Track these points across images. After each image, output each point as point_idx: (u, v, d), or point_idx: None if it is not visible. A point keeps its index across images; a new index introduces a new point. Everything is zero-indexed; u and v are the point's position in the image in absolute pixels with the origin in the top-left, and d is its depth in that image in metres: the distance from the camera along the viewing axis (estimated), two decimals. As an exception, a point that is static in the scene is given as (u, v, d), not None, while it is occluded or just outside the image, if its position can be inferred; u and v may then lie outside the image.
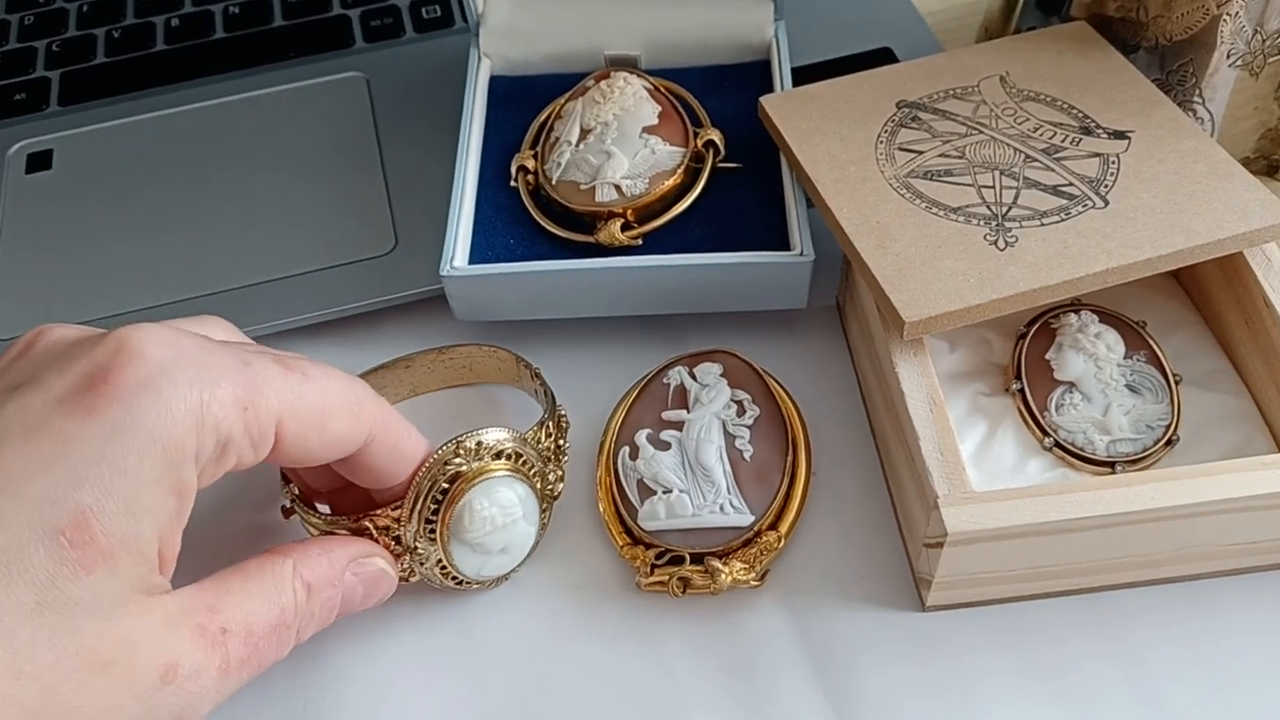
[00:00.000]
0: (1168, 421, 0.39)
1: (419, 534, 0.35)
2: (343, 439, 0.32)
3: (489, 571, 0.37)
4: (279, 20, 0.60)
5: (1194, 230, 0.38)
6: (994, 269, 0.37)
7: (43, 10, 0.62)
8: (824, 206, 0.41)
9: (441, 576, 0.36)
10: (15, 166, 0.54)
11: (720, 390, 0.40)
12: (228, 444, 0.29)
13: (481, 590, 0.38)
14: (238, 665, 0.29)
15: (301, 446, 0.31)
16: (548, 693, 0.37)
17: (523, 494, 0.36)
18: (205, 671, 0.28)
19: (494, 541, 0.36)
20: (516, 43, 0.51)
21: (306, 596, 0.32)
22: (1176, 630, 0.36)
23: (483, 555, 0.36)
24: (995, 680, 0.36)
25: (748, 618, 0.38)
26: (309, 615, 0.32)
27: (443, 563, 0.36)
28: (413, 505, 0.35)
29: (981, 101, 0.44)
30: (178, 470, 0.28)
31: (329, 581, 0.33)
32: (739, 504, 0.38)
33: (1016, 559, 0.35)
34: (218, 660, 0.29)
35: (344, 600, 0.33)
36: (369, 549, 0.34)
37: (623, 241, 0.43)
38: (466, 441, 0.35)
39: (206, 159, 0.53)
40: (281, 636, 0.31)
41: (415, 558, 0.35)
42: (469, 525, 0.35)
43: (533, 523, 0.37)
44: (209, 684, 0.28)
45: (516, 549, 0.37)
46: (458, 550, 0.36)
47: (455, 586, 0.37)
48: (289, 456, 0.31)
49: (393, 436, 0.34)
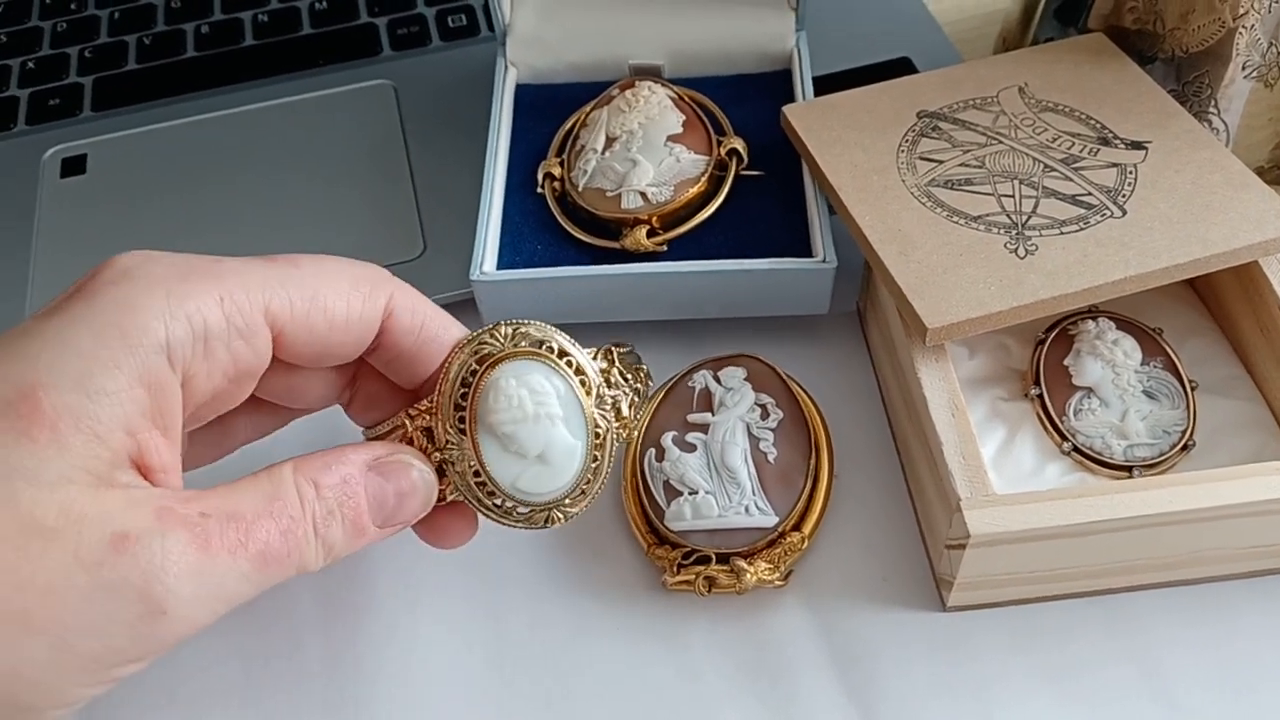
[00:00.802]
0: (1184, 427, 0.39)
1: (449, 423, 0.32)
2: (354, 317, 0.30)
3: (527, 486, 0.33)
4: (307, 28, 0.61)
5: (1210, 240, 0.38)
6: (1014, 277, 0.38)
7: (75, 17, 0.63)
8: (846, 215, 0.41)
9: (478, 491, 0.33)
10: (50, 170, 0.55)
11: (745, 394, 0.41)
12: (209, 336, 0.28)
13: (529, 528, 0.34)
14: (228, 548, 0.27)
15: (307, 331, 0.30)
16: (574, 690, 0.38)
17: (562, 390, 0.33)
18: (170, 544, 0.26)
19: (526, 436, 0.32)
20: (542, 52, 0.52)
21: (314, 492, 0.29)
22: (1193, 632, 0.37)
23: (517, 458, 0.32)
24: (1015, 680, 0.37)
25: (772, 617, 0.39)
26: (325, 515, 0.29)
27: (476, 469, 0.32)
28: (442, 389, 0.32)
29: (1001, 112, 0.45)
30: (143, 358, 0.27)
31: (341, 478, 0.30)
32: (764, 505, 0.38)
33: (1036, 561, 0.36)
34: (187, 535, 0.26)
35: (376, 505, 0.30)
36: (391, 447, 0.32)
37: (648, 247, 0.44)
38: (504, 326, 0.32)
39: (237, 164, 0.54)
40: (287, 530, 0.28)
41: (449, 460, 0.32)
42: (493, 405, 0.32)
43: (578, 435, 0.33)
44: (179, 558, 0.26)
45: (557, 461, 0.33)
46: (487, 446, 0.32)
47: (496, 514, 0.33)
48: (302, 346, 0.30)
49: (414, 306, 0.32)
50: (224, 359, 0.29)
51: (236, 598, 0.27)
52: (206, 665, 0.39)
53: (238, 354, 0.29)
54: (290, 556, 0.28)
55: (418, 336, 0.32)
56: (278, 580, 0.28)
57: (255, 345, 0.29)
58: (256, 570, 0.27)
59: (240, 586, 0.27)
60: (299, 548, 0.28)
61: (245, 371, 0.30)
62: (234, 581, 0.27)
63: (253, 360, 0.30)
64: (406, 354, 0.32)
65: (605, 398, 0.34)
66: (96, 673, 0.26)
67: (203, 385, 0.29)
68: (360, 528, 0.30)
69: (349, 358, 0.32)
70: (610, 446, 0.34)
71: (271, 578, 0.28)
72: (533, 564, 0.41)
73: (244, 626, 0.39)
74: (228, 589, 0.27)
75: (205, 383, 0.29)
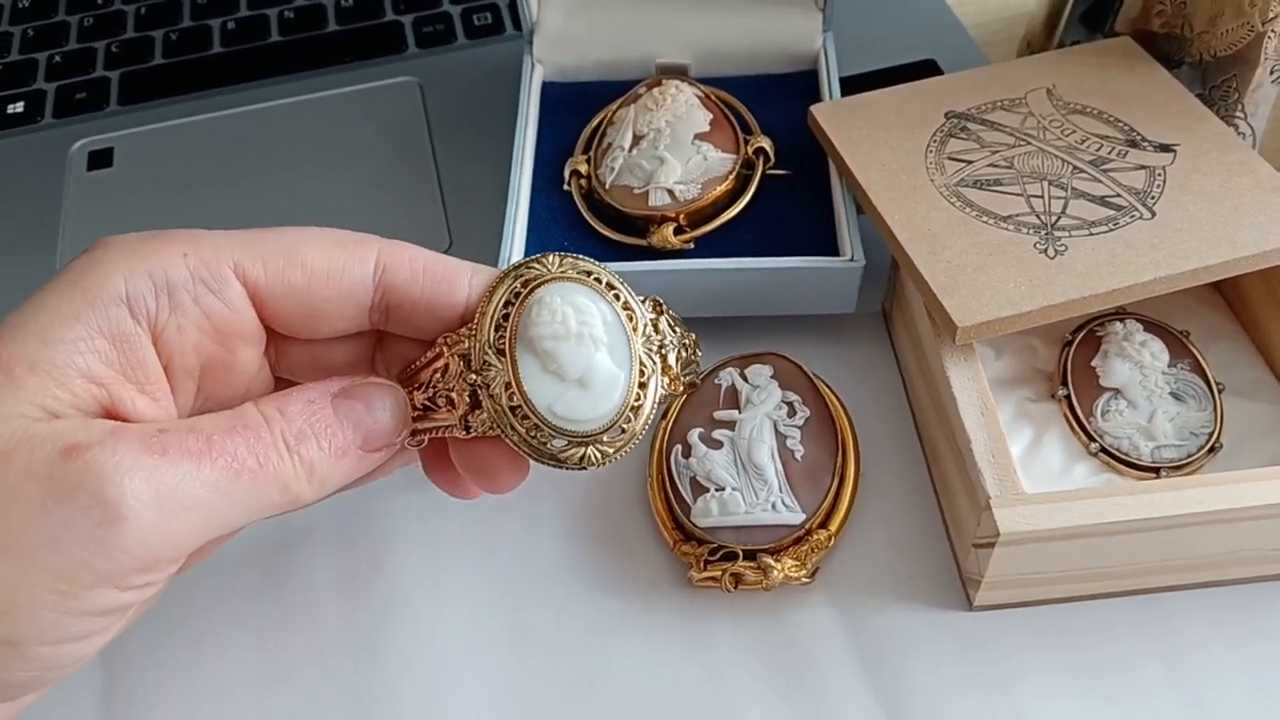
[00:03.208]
0: (1211, 429, 0.39)
1: (488, 344, 0.31)
2: (335, 269, 0.30)
3: (564, 411, 0.31)
4: (333, 25, 0.62)
5: (1240, 242, 0.38)
6: (1044, 277, 0.38)
7: (102, 12, 0.64)
8: (875, 214, 0.42)
9: (512, 417, 0.31)
10: (77, 164, 0.55)
11: (771, 391, 0.41)
12: (173, 289, 0.28)
13: (562, 465, 0.31)
14: (187, 453, 0.26)
15: (284, 286, 0.29)
16: (599, 684, 0.38)
17: (609, 317, 0.31)
18: (123, 450, 0.25)
19: (567, 356, 0.30)
20: (569, 50, 0.53)
21: (280, 416, 0.28)
22: (1221, 632, 0.37)
23: (555, 379, 0.30)
24: (1042, 679, 0.37)
25: (798, 614, 0.39)
26: (297, 434, 0.28)
27: (511, 388, 0.30)
28: (484, 309, 0.31)
29: (1029, 113, 0.45)
30: (103, 310, 0.27)
31: (306, 401, 0.29)
32: (790, 502, 0.39)
33: (1064, 560, 0.36)
34: (140, 444, 0.26)
35: (350, 423, 0.29)
36: (359, 377, 0.31)
37: (675, 245, 0.45)
38: (551, 255, 0.32)
39: (262, 159, 0.55)
40: (253, 443, 0.27)
41: (484, 382, 0.30)
42: (535, 318, 0.30)
43: (621, 365, 0.31)
44: (133, 462, 0.25)
45: (598, 388, 0.31)
46: (526, 363, 0.30)
47: (528, 444, 0.31)
48: (284, 305, 0.30)
49: (410, 255, 0.31)
50: (193, 312, 0.29)
51: (214, 512, 0.26)
52: (226, 648, 0.39)
53: (209, 308, 0.29)
54: (264, 469, 0.27)
55: (423, 283, 0.31)
56: (263, 501, 0.28)
57: (227, 299, 0.29)
58: (228, 480, 0.26)
59: (213, 497, 0.26)
60: (270, 461, 0.27)
61: (224, 329, 0.29)
62: (203, 489, 0.26)
63: (229, 317, 0.29)
64: (421, 304, 0.31)
65: (652, 339, 0.33)
66: (70, 595, 0.25)
67: (176, 339, 0.29)
68: (341, 446, 0.29)
69: (349, 320, 0.31)
70: (654, 391, 0.32)
71: (254, 494, 0.27)
72: (557, 558, 0.41)
73: (265, 614, 0.40)
74: (196, 496, 0.26)
75: (178, 337, 0.29)
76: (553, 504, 0.42)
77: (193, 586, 0.36)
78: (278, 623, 0.40)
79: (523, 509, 0.42)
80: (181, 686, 0.38)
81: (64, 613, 0.25)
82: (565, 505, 0.42)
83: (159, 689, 0.38)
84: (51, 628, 0.25)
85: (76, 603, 0.25)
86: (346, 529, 0.42)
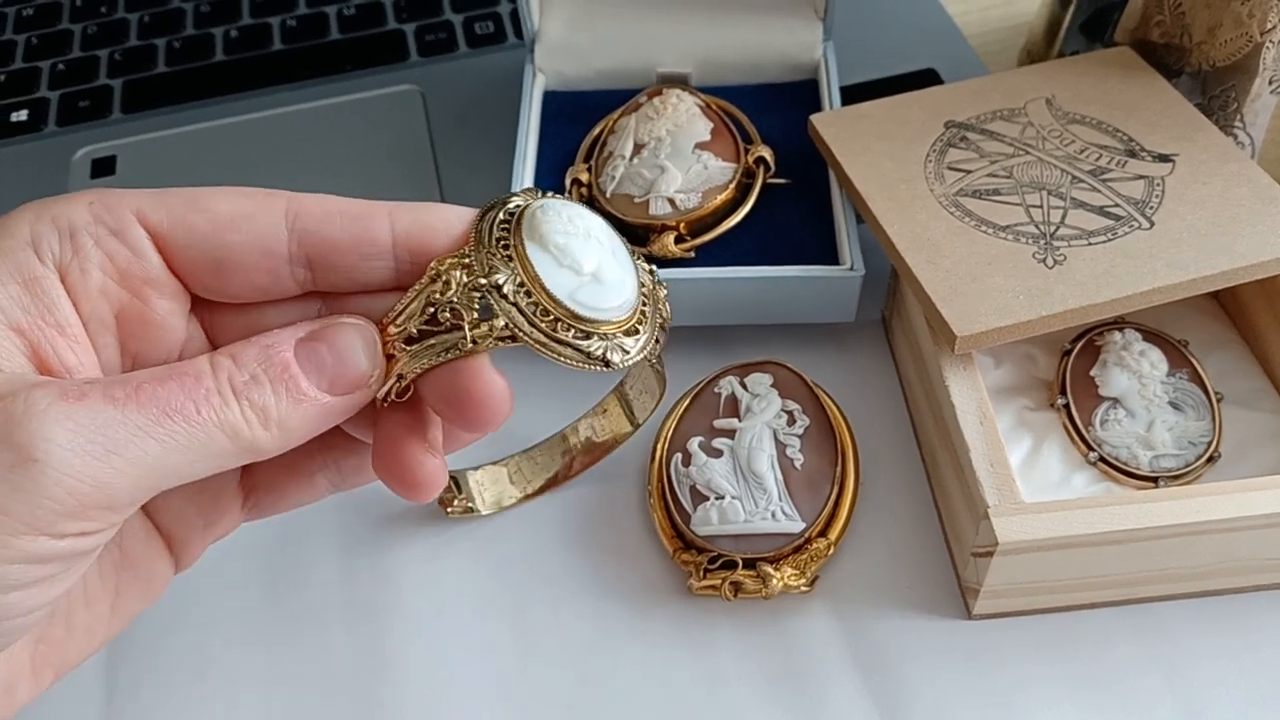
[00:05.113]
0: (1209, 438, 0.39)
1: (493, 254, 0.29)
2: (241, 214, 0.29)
3: (585, 299, 0.29)
4: (335, 34, 0.62)
5: (1238, 252, 0.39)
6: (1043, 286, 0.38)
7: (105, 20, 0.64)
8: (875, 223, 0.42)
9: (531, 314, 0.29)
10: (80, 171, 0.56)
11: (771, 400, 0.41)
12: (75, 231, 0.28)
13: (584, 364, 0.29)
14: (109, 399, 0.26)
15: (186, 232, 0.29)
16: (599, 690, 0.38)
17: (605, 229, 0.31)
18: (37, 395, 0.25)
19: (578, 250, 0.29)
20: (570, 59, 0.53)
21: (231, 362, 0.28)
22: (1220, 642, 0.37)
23: (571, 273, 0.29)
24: (1041, 688, 0.37)
25: (797, 623, 0.39)
26: (248, 379, 0.27)
27: (525, 285, 0.29)
28: (479, 229, 0.30)
29: (1028, 123, 0.45)
30: (13, 256, 0.28)
31: (261, 347, 0.28)
32: (790, 511, 0.39)
33: (1063, 569, 0.36)
34: (58, 390, 0.25)
35: (311, 366, 0.29)
36: (326, 320, 0.30)
37: (676, 254, 0.45)
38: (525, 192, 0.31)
39: (265, 167, 0.55)
40: (190, 387, 0.27)
41: (493, 286, 0.29)
42: (543, 219, 0.30)
43: (625, 268, 0.31)
44: (47, 406, 0.25)
45: (611, 281, 0.30)
46: (540, 260, 0.29)
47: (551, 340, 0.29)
48: (189, 252, 0.29)
49: (322, 200, 0.30)
50: (96, 255, 0.29)
51: (145, 457, 0.26)
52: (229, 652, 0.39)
53: (111, 250, 0.29)
54: (202, 413, 0.26)
55: (340, 223, 0.30)
56: (210, 448, 0.27)
57: (128, 240, 0.29)
58: (156, 423, 0.26)
59: (142, 441, 0.25)
60: (212, 405, 0.27)
61: (129, 272, 0.29)
62: (126, 433, 0.25)
63: (132, 260, 0.29)
64: (342, 245, 0.30)
65: (641, 261, 0.32)
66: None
67: (80, 283, 0.29)
68: (298, 390, 0.28)
69: (265, 274, 0.30)
70: (656, 306, 0.31)
71: (195, 440, 0.26)
72: (558, 567, 0.41)
73: (267, 617, 0.40)
74: (119, 440, 0.25)
75: (82, 280, 0.29)
76: (553, 511, 0.42)
77: (194, 588, 0.36)
78: (280, 626, 0.40)
79: (524, 516, 0.42)
80: (185, 689, 0.38)
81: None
82: (566, 513, 0.42)
83: (162, 690, 0.38)
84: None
85: (3, 549, 0.25)
86: (349, 534, 0.42)
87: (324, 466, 0.35)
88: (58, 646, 0.31)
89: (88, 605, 0.32)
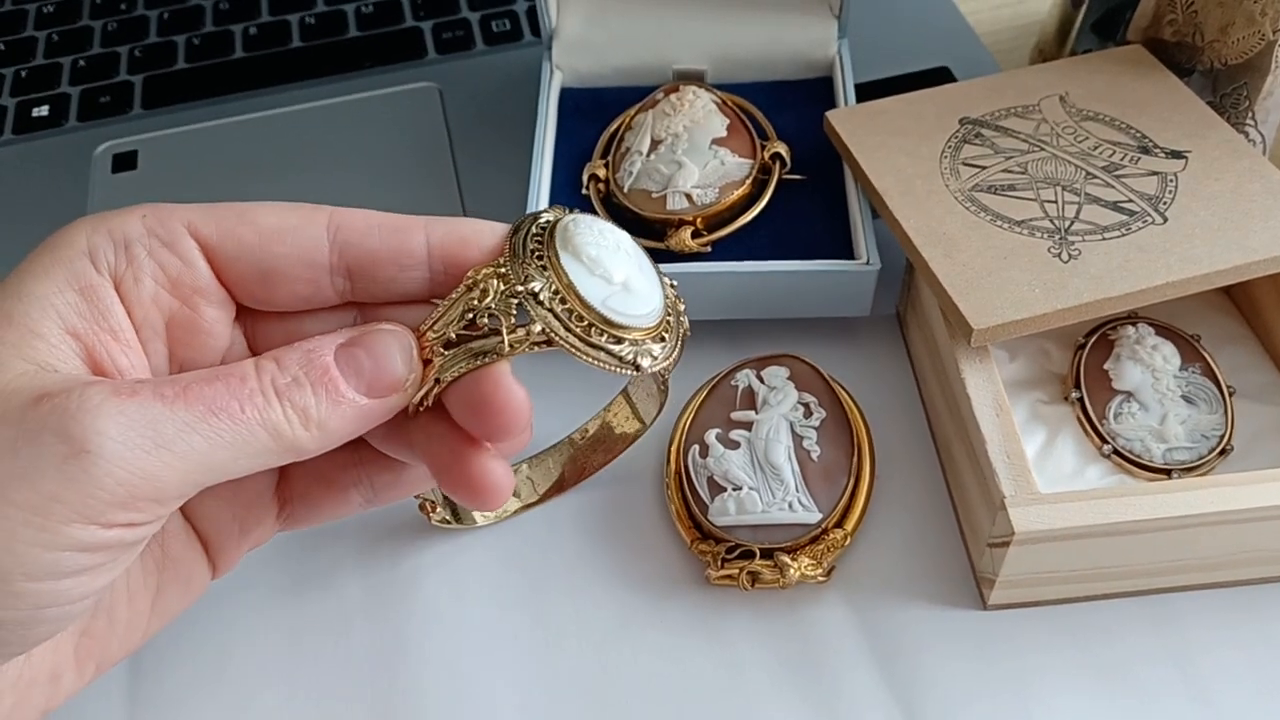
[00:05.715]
0: (1222, 432, 0.40)
1: (528, 264, 0.31)
2: (287, 227, 0.31)
3: (617, 305, 0.31)
4: (354, 31, 0.62)
5: (1251, 247, 0.39)
6: (1058, 280, 0.38)
7: (125, 17, 0.65)
8: (891, 218, 0.42)
9: (565, 319, 0.30)
10: (101, 166, 0.56)
11: (788, 393, 0.42)
12: (129, 243, 0.30)
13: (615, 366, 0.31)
14: (158, 396, 0.27)
15: (235, 243, 0.30)
16: (618, 681, 0.38)
17: (633, 243, 0.33)
18: (91, 391, 0.26)
19: (609, 261, 0.31)
20: (587, 56, 0.53)
21: (274, 365, 0.29)
22: (1233, 633, 0.38)
23: (603, 282, 0.31)
24: (1055, 678, 0.37)
25: (814, 612, 0.39)
26: (289, 382, 0.29)
27: (560, 293, 0.30)
28: (512, 242, 0.31)
29: (1042, 120, 0.45)
30: (68, 264, 0.29)
31: (304, 351, 0.29)
32: (807, 501, 0.39)
33: (1077, 560, 0.36)
34: (110, 388, 0.26)
35: (349, 370, 0.30)
36: (363, 326, 0.31)
37: (693, 248, 0.45)
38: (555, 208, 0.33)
39: (284, 163, 0.55)
40: (235, 388, 0.28)
41: (529, 294, 0.30)
42: (575, 232, 0.31)
43: (651, 280, 0.32)
44: (100, 401, 0.26)
45: (638, 293, 0.32)
46: (574, 268, 0.31)
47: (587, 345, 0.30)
48: (238, 263, 0.31)
49: (364, 213, 0.32)
50: (149, 265, 0.30)
51: (192, 452, 0.27)
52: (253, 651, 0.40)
53: (163, 261, 0.30)
54: (246, 412, 0.28)
55: (379, 234, 0.31)
56: (252, 445, 0.28)
57: (180, 251, 0.30)
58: (202, 420, 0.27)
59: (189, 437, 0.27)
60: (255, 404, 0.28)
61: (180, 281, 0.30)
62: (174, 429, 0.26)
63: (183, 270, 0.30)
64: (380, 255, 0.32)
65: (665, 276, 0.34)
66: (45, 529, 0.25)
67: (134, 292, 0.30)
68: (337, 393, 0.29)
69: (308, 284, 0.32)
70: (679, 316, 0.33)
71: (238, 437, 0.27)
72: (577, 556, 0.41)
73: (290, 611, 0.41)
74: (168, 435, 0.26)
75: (136, 289, 0.30)
76: (572, 504, 0.43)
77: (217, 586, 0.36)
78: (302, 623, 0.40)
79: (543, 509, 0.43)
80: (208, 689, 0.39)
81: (42, 547, 0.26)
82: (584, 504, 0.43)
83: (185, 691, 0.39)
84: (33, 562, 0.26)
85: (53, 536, 0.26)
86: (369, 532, 0.43)
87: (358, 481, 0.36)
88: (100, 640, 0.32)
89: (130, 602, 0.33)
